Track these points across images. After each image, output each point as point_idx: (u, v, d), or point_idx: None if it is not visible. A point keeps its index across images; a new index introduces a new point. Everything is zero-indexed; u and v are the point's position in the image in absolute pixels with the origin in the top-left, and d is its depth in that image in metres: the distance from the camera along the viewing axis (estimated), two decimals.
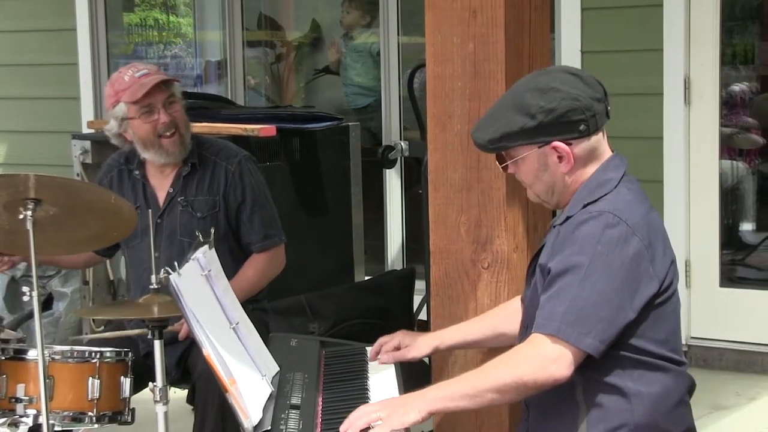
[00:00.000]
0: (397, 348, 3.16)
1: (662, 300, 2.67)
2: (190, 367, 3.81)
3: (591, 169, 2.74)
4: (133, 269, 4.00)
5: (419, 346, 3.15)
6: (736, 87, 6.01)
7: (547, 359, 2.57)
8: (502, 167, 2.80)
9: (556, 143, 2.69)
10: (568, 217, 2.71)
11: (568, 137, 2.68)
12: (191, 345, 3.78)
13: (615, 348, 2.61)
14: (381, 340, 3.22)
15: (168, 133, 3.82)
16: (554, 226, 2.76)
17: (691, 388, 2.80)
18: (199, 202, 3.88)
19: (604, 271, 2.58)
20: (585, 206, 2.68)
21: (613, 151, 2.80)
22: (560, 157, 2.70)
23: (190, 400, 3.76)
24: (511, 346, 2.94)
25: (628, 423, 2.65)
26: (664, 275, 2.66)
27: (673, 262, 2.74)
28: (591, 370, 2.62)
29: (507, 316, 3.13)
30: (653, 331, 2.66)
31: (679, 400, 2.73)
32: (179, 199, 3.89)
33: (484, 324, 3.20)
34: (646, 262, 2.62)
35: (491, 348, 3.36)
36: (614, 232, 2.60)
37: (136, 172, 3.96)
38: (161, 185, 3.94)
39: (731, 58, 5.91)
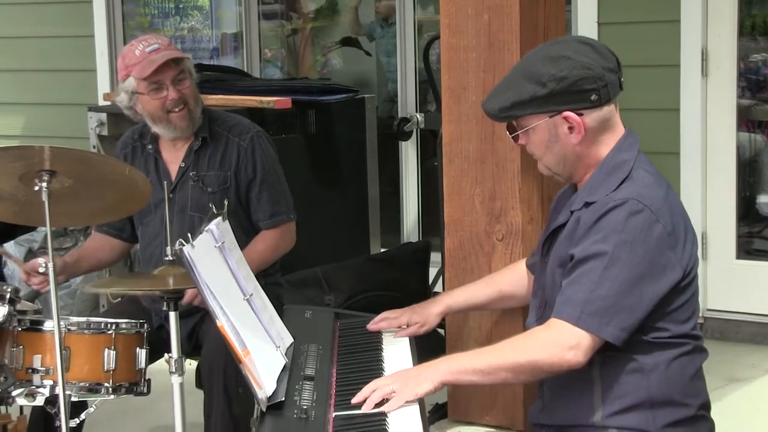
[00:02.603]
0: (407, 326, 3.16)
1: (685, 284, 2.66)
2: (200, 341, 3.83)
3: (603, 142, 2.71)
4: (145, 245, 4.00)
5: (429, 319, 3.16)
6: (754, 58, 5.96)
7: (564, 346, 2.57)
8: (512, 137, 2.78)
9: (567, 113, 2.66)
10: (587, 203, 2.68)
11: (579, 107, 2.66)
12: (202, 318, 3.79)
13: (637, 331, 2.61)
14: (386, 314, 3.22)
15: (177, 109, 3.82)
16: (572, 212, 2.73)
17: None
18: (210, 177, 3.88)
19: (627, 259, 2.56)
20: (607, 195, 2.65)
21: (625, 127, 2.78)
22: (571, 128, 2.68)
23: (199, 384, 3.77)
24: (515, 309, 2.96)
25: (644, 399, 2.64)
26: (687, 260, 2.65)
27: (695, 244, 2.72)
28: (609, 350, 2.61)
29: (513, 280, 3.16)
30: (675, 313, 2.66)
31: (694, 373, 2.73)
32: (191, 174, 3.88)
33: (490, 287, 3.21)
34: (670, 249, 2.61)
35: (501, 310, 3.38)
36: (638, 220, 2.58)
37: (149, 147, 3.96)
38: (173, 159, 3.94)
39: (750, 30, 5.87)
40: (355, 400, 2.62)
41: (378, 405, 2.60)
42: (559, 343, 2.57)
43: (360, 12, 7.75)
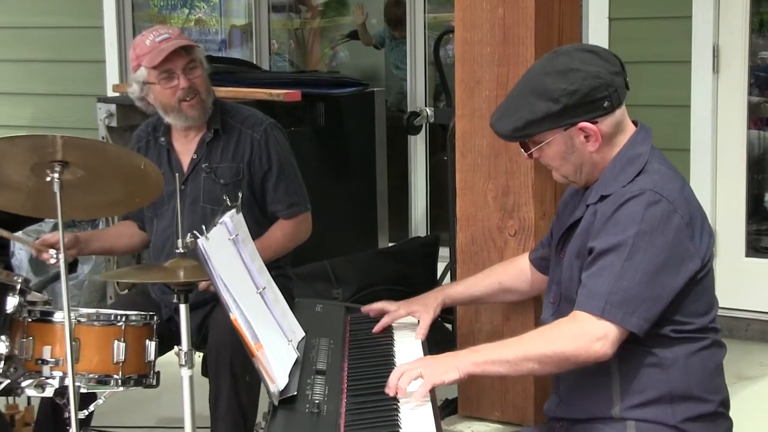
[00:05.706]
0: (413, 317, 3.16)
1: (703, 274, 2.66)
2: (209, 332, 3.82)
3: (618, 143, 2.72)
4: (158, 236, 3.99)
5: (429, 309, 3.15)
6: (764, 55, 5.95)
7: (591, 338, 2.57)
8: (527, 154, 2.77)
9: (583, 124, 2.66)
10: (603, 196, 2.68)
11: (594, 116, 2.66)
12: (211, 311, 3.78)
13: (657, 325, 2.61)
14: (384, 304, 3.22)
15: (188, 98, 3.81)
16: (588, 206, 2.73)
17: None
18: (223, 169, 3.87)
19: (648, 250, 2.57)
20: (623, 187, 2.65)
21: (635, 123, 2.78)
22: (587, 137, 2.68)
23: (204, 371, 3.77)
24: (527, 304, 2.93)
25: (664, 393, 2.65)
26: (704, 251, 2.66)
27: (711, 236, 2.72)
28: (629, 343, 2.61)
29: (513, 274, 3.17)
30: (695, 305, 2.66)
31: (714, 369, 2.73)
32: (203, 166, 3.88)
33: (490, 279, 3.22)
34: (688, 238, 2.61)
35: (512, 306, 3.37)
36: (656, 211, 2.59)
37: (162, 139, 3.96)
38: (185, 151, 3.94)
39: (759, 26, 5.85)
40: (392, 393, 2.61)
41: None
42: (587, 335, 2.57)
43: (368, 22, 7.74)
